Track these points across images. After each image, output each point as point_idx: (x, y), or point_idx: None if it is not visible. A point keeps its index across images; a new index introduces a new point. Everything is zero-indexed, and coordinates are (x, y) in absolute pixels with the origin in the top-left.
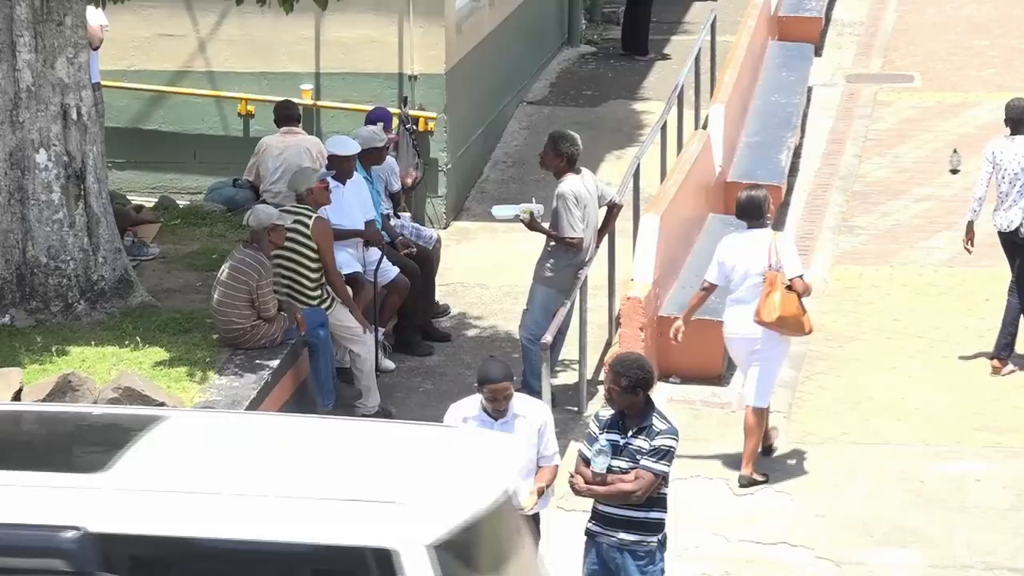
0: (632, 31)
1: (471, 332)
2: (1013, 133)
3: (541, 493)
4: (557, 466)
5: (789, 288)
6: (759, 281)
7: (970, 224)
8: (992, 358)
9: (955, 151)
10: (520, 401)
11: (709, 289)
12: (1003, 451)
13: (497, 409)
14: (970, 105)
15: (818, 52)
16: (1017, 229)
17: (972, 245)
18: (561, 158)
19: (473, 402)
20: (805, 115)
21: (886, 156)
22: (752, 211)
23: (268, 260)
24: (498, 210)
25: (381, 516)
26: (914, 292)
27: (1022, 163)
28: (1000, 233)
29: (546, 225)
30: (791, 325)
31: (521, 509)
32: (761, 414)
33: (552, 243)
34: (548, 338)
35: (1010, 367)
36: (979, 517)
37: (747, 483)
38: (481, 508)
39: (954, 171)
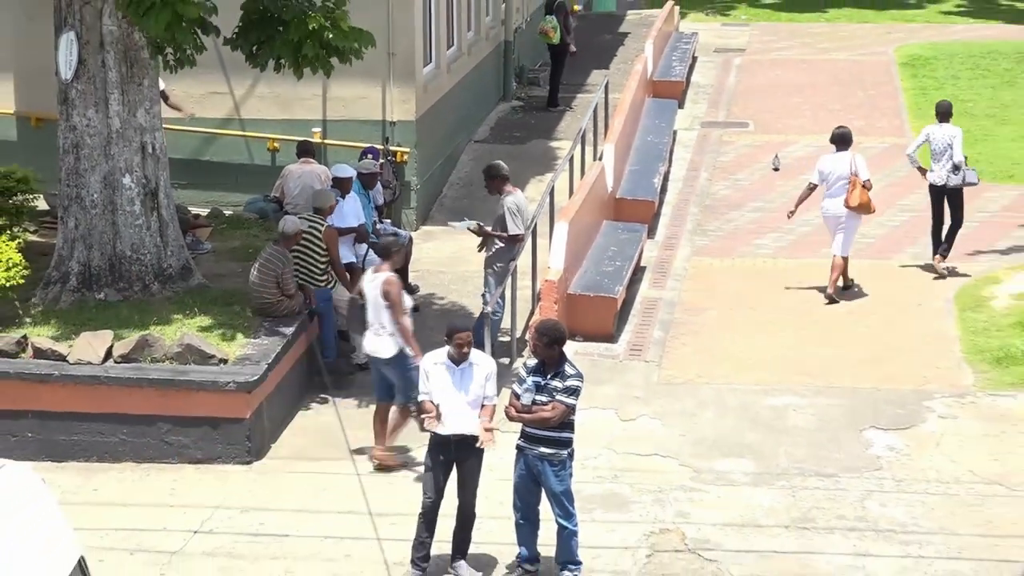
0: (550, 89)
1: (434, 305)
2: (941, 122)
3: (488, 430)
4: (495, 405)
5: (863, 186)
6: (845, 182)
7: (921, 170)
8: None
9: (776, 155)
10: (476, 354)
11: (812, 187)
12: (812, 389)
13: (462, 354)
14: (789, 143)
15: (681, 106)
16: (945, 184)
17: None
18: (497, 180)
19: (441, 352)
20: (671, 150)
21: (729, 179)
22: (843, 140)
23: (289, 254)
24: (453, 224)
25: None
26: (749, 276)
27: (947, 141)
28: (933, 186)
29: (489, 228)
30: (866, 207)
31: None
32: (841, 260)
33: (499, 242)
34: (489, 309)
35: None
36: (795, 436)
37: (830, 301)
38: None
39: (776, 168)
